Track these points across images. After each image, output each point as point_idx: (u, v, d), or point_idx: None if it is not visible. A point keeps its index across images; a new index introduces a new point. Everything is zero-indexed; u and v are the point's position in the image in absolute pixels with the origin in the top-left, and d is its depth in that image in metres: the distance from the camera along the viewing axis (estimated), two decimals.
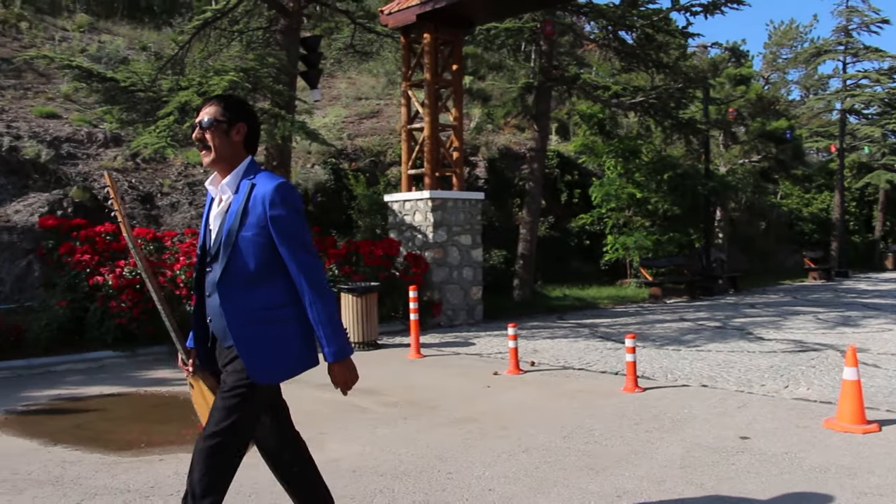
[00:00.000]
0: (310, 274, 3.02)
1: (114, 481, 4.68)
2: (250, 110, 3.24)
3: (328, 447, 5.38)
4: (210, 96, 3.36)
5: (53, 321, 8.88)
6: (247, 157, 3.17)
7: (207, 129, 3.09)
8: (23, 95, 16.26)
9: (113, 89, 11.18)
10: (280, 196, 3.00)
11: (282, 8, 11.46)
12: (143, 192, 12.94)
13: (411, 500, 4.27)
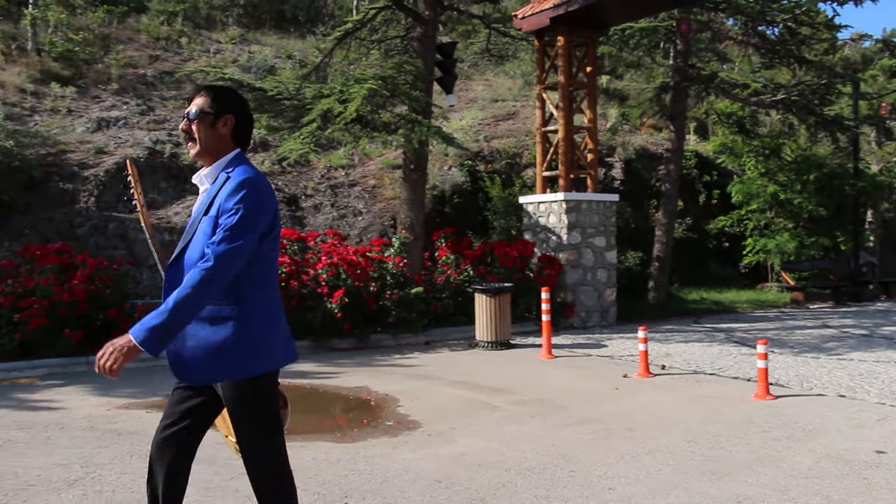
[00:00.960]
0: (210, 266, 2.72)
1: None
2: (239, 102, 3.14)
3: (457, 441, 5.64)
4: (201, 86, 3.22)
5: None
6: (234, 150, 3.06)
7: (194, 120, 3.02)
8: (182, 105, 17.44)
9: (261, 98, 11.86)
10: (240, 189, 2.86)
11: (418, 16, 11.85)
12: (289, 195, 13.66)
13: (532, 495, 4.45)
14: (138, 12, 23.47)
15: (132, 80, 18.26)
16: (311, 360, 9.32)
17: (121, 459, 5.22)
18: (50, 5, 19.97)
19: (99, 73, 18.14)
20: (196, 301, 2.71)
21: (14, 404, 6.99)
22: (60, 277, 8.98)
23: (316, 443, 5.64)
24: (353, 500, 4.41)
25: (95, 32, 20.20)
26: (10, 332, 8.41)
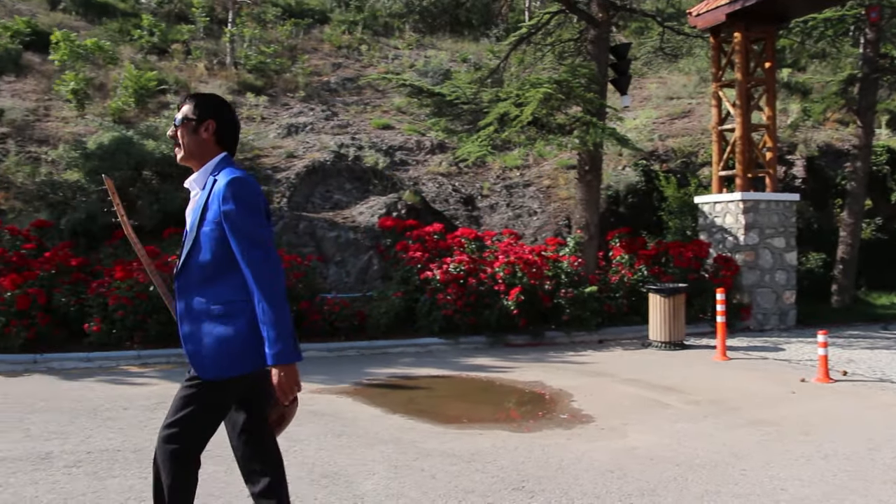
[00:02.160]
0: (259, 272, 2.91)
1: (442, 446, 5.50)
2: (222, 108, 3.21)
3: (629, 436, 5.81)
4: (187, 94, 3.37)
5: (390, 310, 10.17)
6: (219, 154, 3.15)
7: (179, 126, 3.14)
8: (363, 110, 18.38)
9: (440, 103, 12.38)
10: (231, 191, 2.96)
11: (591, 19, 11.97)
12: (465, 195, 14.14)
13: (703, 490, 4.57)
14: (321, 23, 24.88)
15: (317, 88, 19.41)
16: (488, 355, 9.72)
17: (318, 437, 5.77)
18: (245, 22, 21.54)
19: (287, 82, 19.42)
20: (282, 305, 2.90)
21: None
22: None
23: (494, 431, 5.98)
24: (529, 483, 4.70)
25: (284, 44, 21.61)
26: None
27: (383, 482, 4.72)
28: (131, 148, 11.82)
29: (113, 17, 23.33)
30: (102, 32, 21.52)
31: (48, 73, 18.09)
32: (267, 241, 2.98)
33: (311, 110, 17.57)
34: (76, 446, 5.47)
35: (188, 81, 18.51)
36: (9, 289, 8.76)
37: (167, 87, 17.88)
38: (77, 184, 12.16)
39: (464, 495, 4.50)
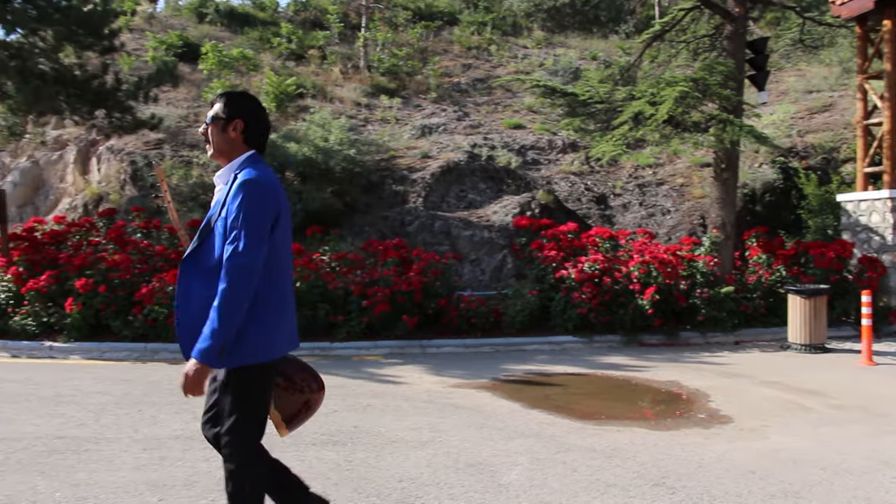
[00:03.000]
0: (231, 273, 2.93)
1: (581, 442, 5.62)
2: (251, 107, 3.28)
3: (770, 437, 5.77)
4: (219, 93, 3.45)
5: (525, 307, 10.34)
6: (247, 152, 3.23)
7: (209, 124, 3.25)
8: (494, 110, 18.59)
9: (573, 103, 12.43)
10: (241, 190, 3.01)
11: (727, 14, 11.73)
12: (597, 194, 14.14)
13: (851, 496, 4.51)
14: (451, 25, 25.29)
15: (448, 89, 19.77)
16: (622, 354, 9.74)
17: (460, 428, 5.99)
18: (378, 26, 22.17)
19: (419, 83, 19.88)
20: (237, 309, 2.94)
21: (366, 377, 8.15)
22: (399, 270, 10.22)
23: (631, 428, 6.05)
24: (669, 480, 4.76)
25: (415, 47, 22.11)
26: (359, 316, 9.74)
27: (526, 473, 4.89)
28: (275, 150, 12.44)
29: (253, 27, 24.46)
30: (245, 41, 22.63)
31: (197, 82, 19.19)
32: (251, 249, 2.97)
33: (443, 111, 17.93)
34: None
35: (324, 85, 19.24)
36: (172, 283, 9.44)
37: (305, 91, 18.65)
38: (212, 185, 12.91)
39: (605, 488, 4.62)
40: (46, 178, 18.10)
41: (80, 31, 12.43)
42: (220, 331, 2.91)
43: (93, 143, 16.96)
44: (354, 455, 5.26)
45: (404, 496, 4.47)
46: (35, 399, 6.91)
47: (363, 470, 4.94)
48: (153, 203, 13.63)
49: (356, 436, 5.75)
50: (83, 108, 12.99)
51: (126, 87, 13.16)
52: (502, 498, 4.46)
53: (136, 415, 6.35)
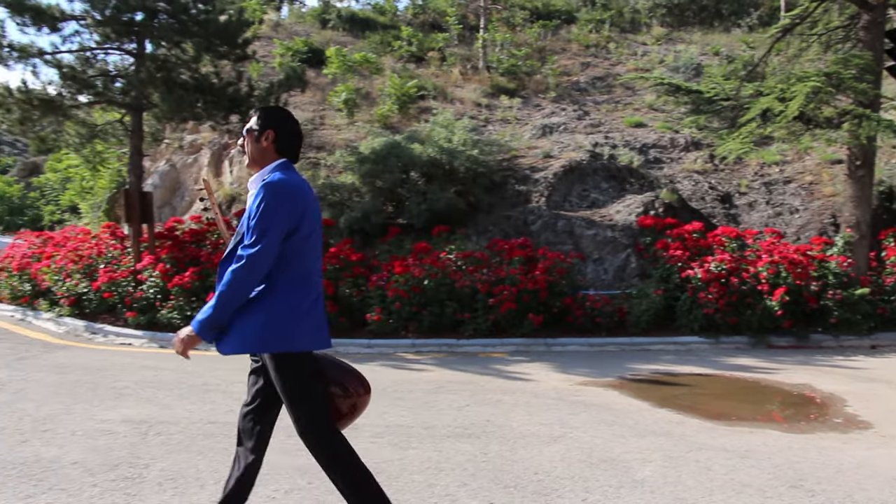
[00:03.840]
0: (238, 257, 3.25)
1: (713, 441, 5.62)
2: (282, 119, 3.55)
3: None
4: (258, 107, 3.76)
5: (650, 307, 10.29)
6: (278, 160, 3.48)
7: (245, 135, 3.58)
8: (614, 108, 18.46)
9: (697, 100, 12.24)
10: (260, 191, 3.30)
11: (864, 3, 11.29)
12: (722, 193, 13.87)
13: None
14: (568, 23, 25.21)
15: (567, 88, 19.74)
16: (750, 356, 9.58)
17: (590, 425, 6.08)
18: (496, 27, 22.34)
19: (538, 83, 19.92)
20: (235, 296, 3.24)
21: (494, 373, 8.33)
22: (524, 268, 10.36)
23: (764, 430, 6.00)
24: (808, 483, 4.72)
25: (533, 46, 22.16)
26: (486, 314, 9.93)
27: (660, 470, 4.95)
28: (400, 151, 12.77)
29: (374, 31, 25.07)
30: (366, 45, 23.24)
31: (322, 86, 19.84)
32: (260, 240, 3.24)
33: (563, 110, 17.94)
34: (375, 420, 6.16)
35: (444, 87, 19.55)
36: None
37: (426, 93, 19.00)
38: (352, 186, 13.33)
39: (741, 488, 4.62)
40: (182, 180, 19.14)
41: (217, 41, 13.13)
42: (216, 310, 3.24)
43: (225, 146, 17.82)
44: (489, 447, 5.44)
45: (540, 488, 4.61)
46: (186, 387, 7.41)
47: (499, 462, 5.10)
48: None
49: (489, 429, 5.92)
50: (219, 113, 13.69)
51: (258, 92, 13.80)
52: (637, 493, 4.54)
53: None
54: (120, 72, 13.82)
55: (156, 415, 6.27)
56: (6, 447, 5.31)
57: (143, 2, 12.71)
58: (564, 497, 4.47)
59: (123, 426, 5.87)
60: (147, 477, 4.71)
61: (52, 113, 13.43)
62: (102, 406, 6.55)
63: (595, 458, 5.21)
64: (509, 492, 4.55)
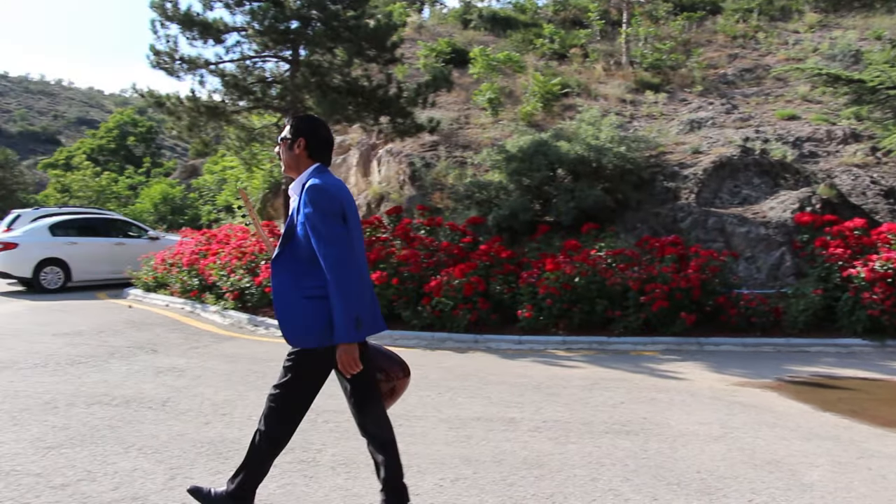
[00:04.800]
0: (328, 264, 3.45)
1: (885, 449, 5.44)
2: (312, 127, 3.81)
3: None
4: (292, 115, 4.04)
5: (809, 307, 9.92)
6: (312, 165, 3.75)
7: (279, 143, 3.86)
8: (764, 101, 17.82)
9: (859, 90, 11.74)
10: (308, 198, 3.55)
11: None
12: (885, 187, 13.16)
13: None
14: (714, 14, 24.46)
15: (714, 81, 19.22)
16: None
17: (751, 426, 6.00)
18: (640, 21, 21.99)
19: (683, 77, 19.50)
20: (350, 290, 3.46)
21: (646, 371, 8.30)
22: (676, 266, 10.23)
23: None
24: None
25: (677, 40, 21.66)
26: (637, 312, 9.89)
27: (829, 475, 4.85)
28: (547, 149, 12.84)
29: (515, 29, 25.19)
30: (508, 44, 23.39)
31: (465, 86, 20.14)
32: (336, 239, 3.50)
33: (710, 104, 17.50)
34: (532, 415, 6.30)
35: (588, 83, 19.45)
36: (457, 277, 10.15)
37: (570, 90, 18.97)
38: (499, 184, 13.50)
39: None
40: None
41: (367, 45, 13.62)
42: (344, 310, 3.45)
43: (373, 146, 18.39)
44: (648, 445, 5.47)
45: (704, 487, 4.62)
46: None
47: (659, 459, 5.14)
48: (431, 201, 14.57)
49: (646, 427, 5.95)
50: (369, 115, 14.21)
51: (406, 94, 14.21)
52: (807, 497, 4.48)
53: (435, 396, 6.96)
54: (276, 78, 14.57)
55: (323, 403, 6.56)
56: (193, 427, 5.79)
57: (297, 11, 13.37)
58: (730, 497, 4.47)
59: None
60: (321, 461, 5.04)
61: (216, 118, 14.33)
62: None
63: (759, 459, 5.16)
64: (672, 489, 4.59)
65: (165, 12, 13.55)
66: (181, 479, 4.60)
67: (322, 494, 4.46)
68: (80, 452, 5.10)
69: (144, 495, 4.35)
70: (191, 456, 5.08)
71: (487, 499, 4.42)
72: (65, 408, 6.31)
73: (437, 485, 4.65)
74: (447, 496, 4.47)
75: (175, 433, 5.62)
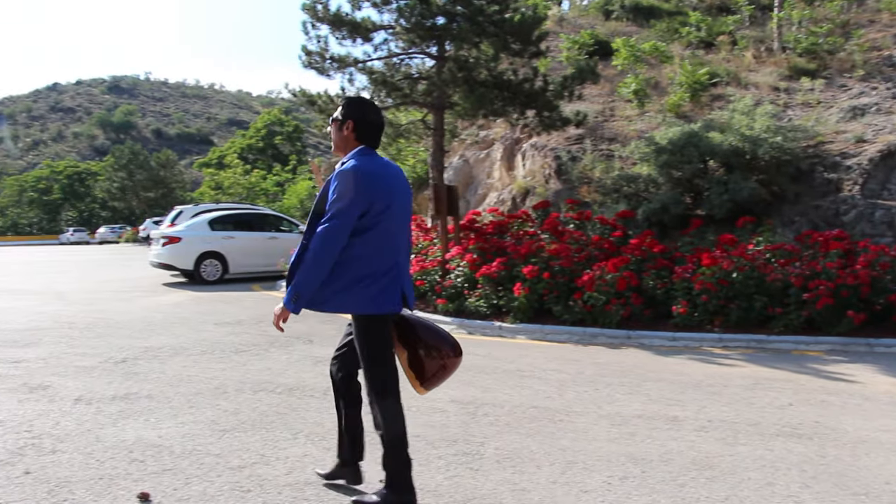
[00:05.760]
0: (318, 235, 3.66)
1: None
2: (362, 109, 3.95)
3: None
4: (344, 98, 4.16)
5: None
6: (358, 147, 3.90)
7: (331, 125, 4.03)
8: None
9: None
10: (334, 176, 3.76)
11: None
12: None
13: None
14: None
15: (878, 64, 18.08)
16: None
17: None
18: (793, 4, 20.97)
19: (842, 61, 18.44)
20: (316, 269, 3.66)
21: (812, 372, 7.93)
22: (842, 262, 9.70)
23: None
24: None
25: (835, 21, 20.51)
26: (798, 309, 9.45)
27: None
28: (698, 141, 12.47)
29: (659, 18, 24.58)
30: (653, 34, 22.86)
31: (609, 77, 19.82)
32: (341, 217, 3.66)
33: (874, 89, 16.50)
34: (696, 414, 6.14)
35: (737, 72, 18.76)
36: (611, 272, 10.01)
37: (719, 79, 18.34)
38: (648, 177, 13.23)
39: None
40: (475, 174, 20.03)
41: (512, 39, 13.61)
42: (299, 283, 3.70)
43: (517, 141, 18.41)
44: (825, 450, 5.22)
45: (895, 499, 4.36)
46: (501, 372, 7.81)
47: (839, 466, 4.89)
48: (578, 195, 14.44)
49: (820, 431, 5.68)
50: (515, 109, 14.21)
51: (552, 87, 14.11)
52: None
53: (593, 392, 6.89)
54: (422, 74, 14.78)
55: (479, 397, 6.70)
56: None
57: (443, 7, 13.52)
58: None
59: (452, 405, 6.33)
60: (484, 454, 5.07)
61: None
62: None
63: None
64: (860, 499, 4.35)
65: (316, 14, 14.02)
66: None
67: (489, 488, 4.48)
68: (252, 436, 5.35)
69: (317, 481, 4.51)
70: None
71: (660, 499, 4.33)
72: (234, 393, 6.63)
73: (606, 482, 4.60)
74: (617, 494, 4.41)
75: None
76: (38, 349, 8.82)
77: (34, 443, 5.18)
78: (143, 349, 8.84)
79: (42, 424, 5.63)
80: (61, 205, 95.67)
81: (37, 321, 11.20)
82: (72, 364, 7.92)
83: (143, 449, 5.04)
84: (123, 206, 79.40)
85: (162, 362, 8.05)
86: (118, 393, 6.64)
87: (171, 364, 7.94)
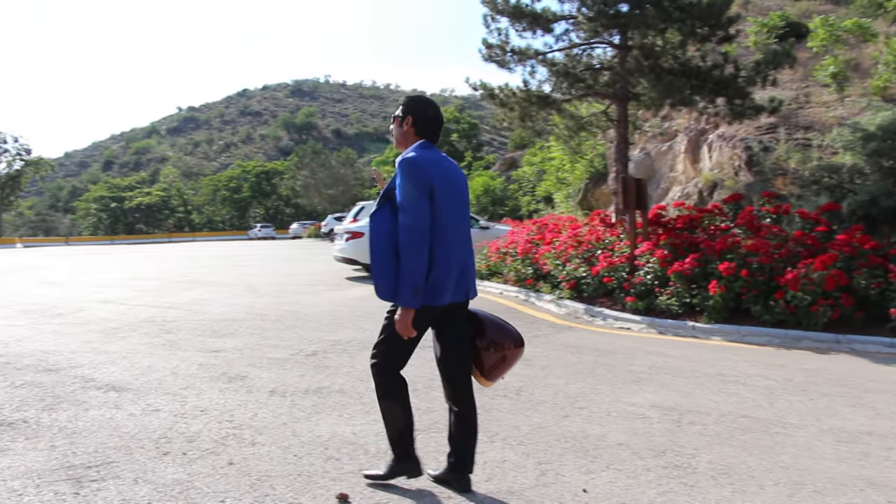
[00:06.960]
0: (401, 231, 3.78)
1: None
2: (421, 106, 4.15)
3: None
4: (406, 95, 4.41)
5: None
6: (418, 141, 4.10)
7: (393, 120, 4.27)
8: None
9: None
10: (399, 168, 3.90)
11: None
12: None
13: None
14: None
15: None
16: None
17: None
18: None
19: None
20: (413, 261, 3.75)
21: None
22: None
23: None
24: None
25: None
26: None
27: None
28: None
29: None
30: (853, 11, 21.18)
31: (802, 61, 18.49)
32: (412, 210, 3.78)
33: None
34: None
35: None
36: (819, 270, 9.23)
37: None
38: (853, 167, 12.18)
39: None
40: (657, 167, 19.31)
41: (699, 23, 12.90)
42: (406, 279, 3.78)
43: (702, 132, 17.54)
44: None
45: None
46: (701, 376, 7.34)
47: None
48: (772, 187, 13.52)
49: None
50: (703, 97, 13.47)
51: (744, 73, 13.26)
52: None
53: (808, 402, 6.31)
54: (604, 65, 14.33)
55: (681, 402, 6.29)
56: (552, 420, 5.72)
57: None
58: None
59: (653, 411, 5.97)
60: (697, 468, 4.69)
61: (547, 108, 14.43)
62: (625, 389, 6.75)
63: None
64: None
65: (496, 6, 13.89)
66: (552, 476, 4.51)
67: None
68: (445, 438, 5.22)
69: (519, 490, 4.30)
70: (557, 451, 4.97)
71: None
72: (424, 391, 6.55)
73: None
74: None
75: (535, 424, 5.58)
76: (234, 339, 9.20)
77: (235, 433, 5.30)
78: (331, 342, 9.01)
79: (242, 415, 5.78)
80: (250, 202, 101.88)
81: (231, 312, 11.74)
82: (265, 356, 8.18)
83: (338, 446, 5.03)
84: (306, 202, 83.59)
85: (351, 356, 8.16)
86: (310, 386, 6.75)
87: (360, 358, 8.02)
